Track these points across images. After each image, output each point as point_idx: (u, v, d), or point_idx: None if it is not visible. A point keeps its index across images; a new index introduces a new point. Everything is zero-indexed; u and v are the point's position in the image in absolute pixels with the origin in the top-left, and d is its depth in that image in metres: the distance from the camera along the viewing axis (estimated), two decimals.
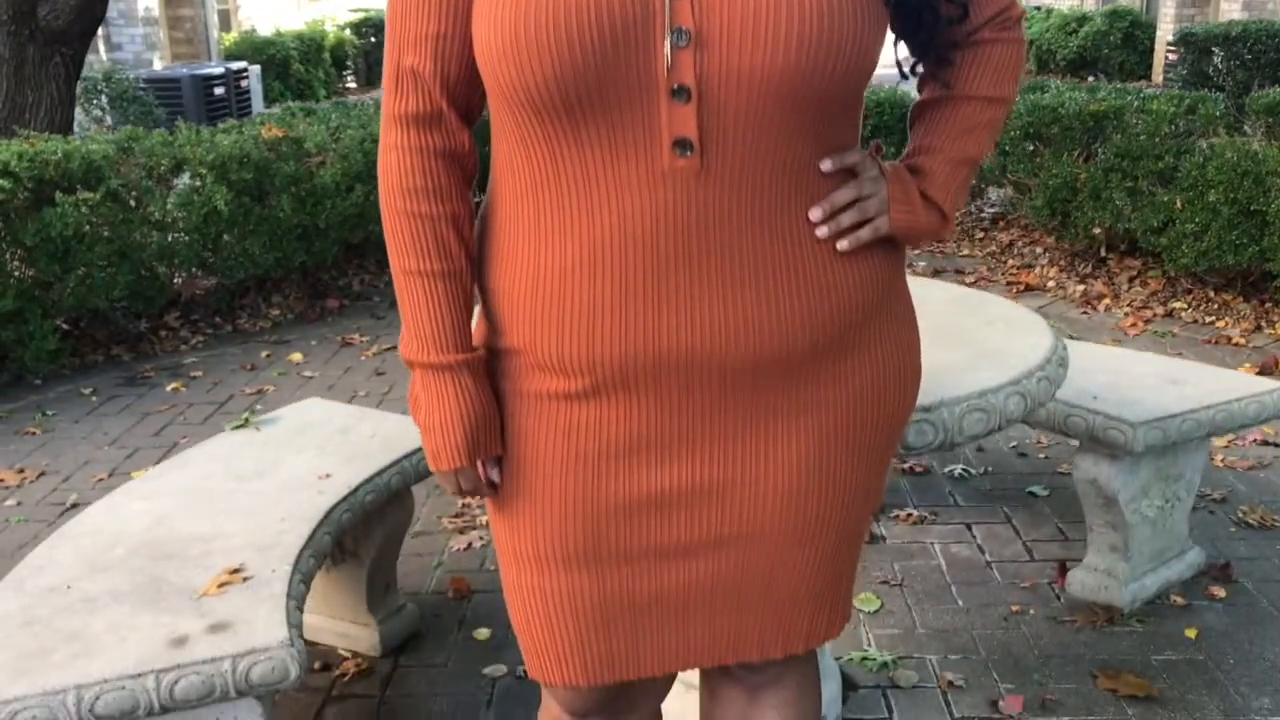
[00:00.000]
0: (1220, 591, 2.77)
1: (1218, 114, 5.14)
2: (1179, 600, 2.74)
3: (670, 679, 1.52)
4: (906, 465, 3.59)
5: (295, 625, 1.84)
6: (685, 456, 1.29)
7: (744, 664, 1.52)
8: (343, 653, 2.65)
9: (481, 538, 3.21)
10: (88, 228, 4.62)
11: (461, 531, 3.26)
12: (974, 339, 2.03)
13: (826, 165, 1.24)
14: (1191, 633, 2.60)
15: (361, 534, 2.57)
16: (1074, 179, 5.39)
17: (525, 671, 2.42)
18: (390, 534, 2.60)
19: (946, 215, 1.37)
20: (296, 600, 1.92)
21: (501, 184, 1.29)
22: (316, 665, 2.61)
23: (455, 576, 2.96)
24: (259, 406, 4.26)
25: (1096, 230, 5.38)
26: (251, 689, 1.76)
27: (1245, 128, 5.11)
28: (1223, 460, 3.56)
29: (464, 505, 3.43)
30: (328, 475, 2.38)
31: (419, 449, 2.52)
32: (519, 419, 1.31)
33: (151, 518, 2.21)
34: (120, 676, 1.71)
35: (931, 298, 2.26)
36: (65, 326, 5.03)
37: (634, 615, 1.35)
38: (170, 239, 5.01)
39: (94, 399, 4.49)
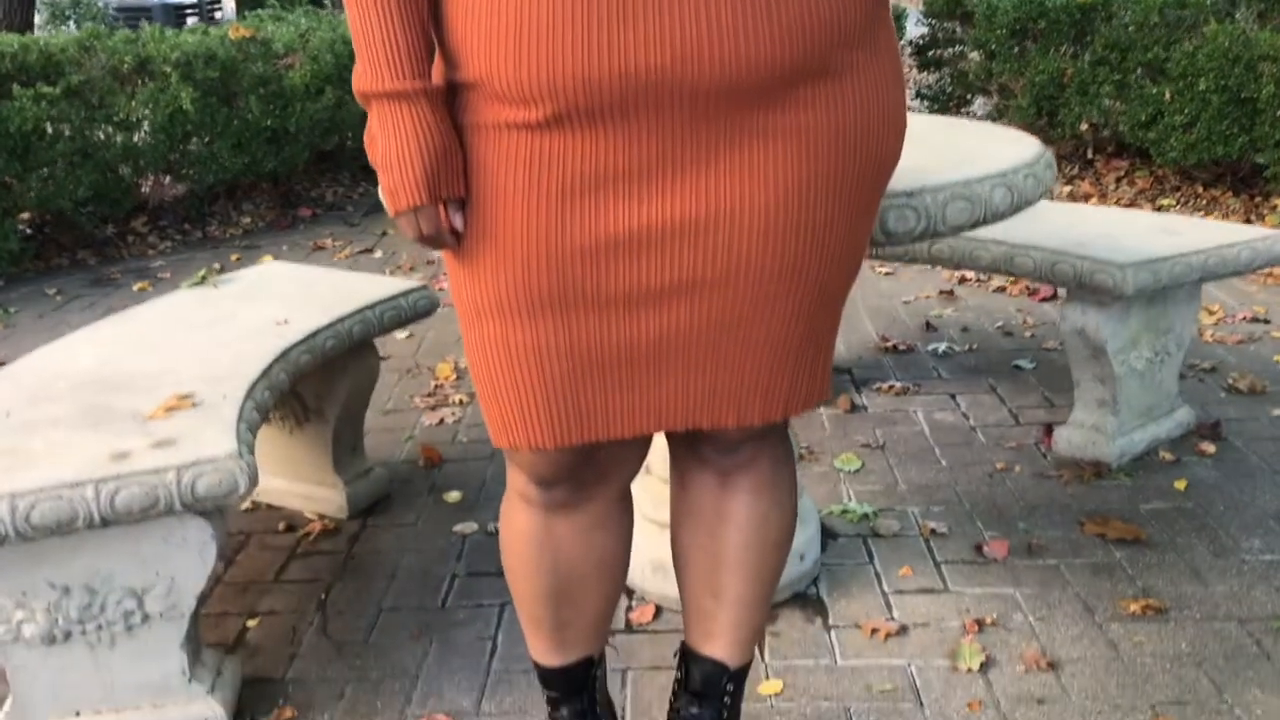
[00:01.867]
0: (1210, 448, 2.70)
1: (1208, 1, 5.02)
2: (1168, 456, 2.68)
3: (640, 453, 1.43)
4: (889, 344, 3.51)
5: (245, 443, 1.74)
6: (656, 192, 1.19)
7: (716, 445, 1.43)
8: (309, 515, 2.56)
9: (454, 414, 3.12)
10: (48, 124, 4.48)
11: (433, 409, 3.18)
12: (959, 145, 1.94)
13: None
14: (1180, 485, 2.53)
15: (324, 391, 2.48)
16: (1061, 74, 5.27)
17: (490, 528, 2.35)
18: (355, 391, 2.50)
19: None
20: (248, 424, 1.83)
21: None
22: (281, 526, 2.53)
23: (426, 446, 2.87)
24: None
25: (1084, 127, 5.27)
26: (197, 502, 1.67)
27: (1236, 15, 4.99)
28: (1212, 335, 3.49)
29: (436, 386, 3.34)
30: (286, 321, 2.28)
31: (383, 300, 2.43)
32: (480, 153, 1.21)
33: (98, 359, 2.11)
34: (57, 485, 1.62)
35: (914, 121, 2.16)
36: (29, 230, 4.89)
37: (603, 369, 1.26)
38: (135, 139, 4.87)
39: (58, 298, 4.37)
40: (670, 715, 1.58)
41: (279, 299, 2.42)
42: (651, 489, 2.17)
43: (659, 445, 2.08)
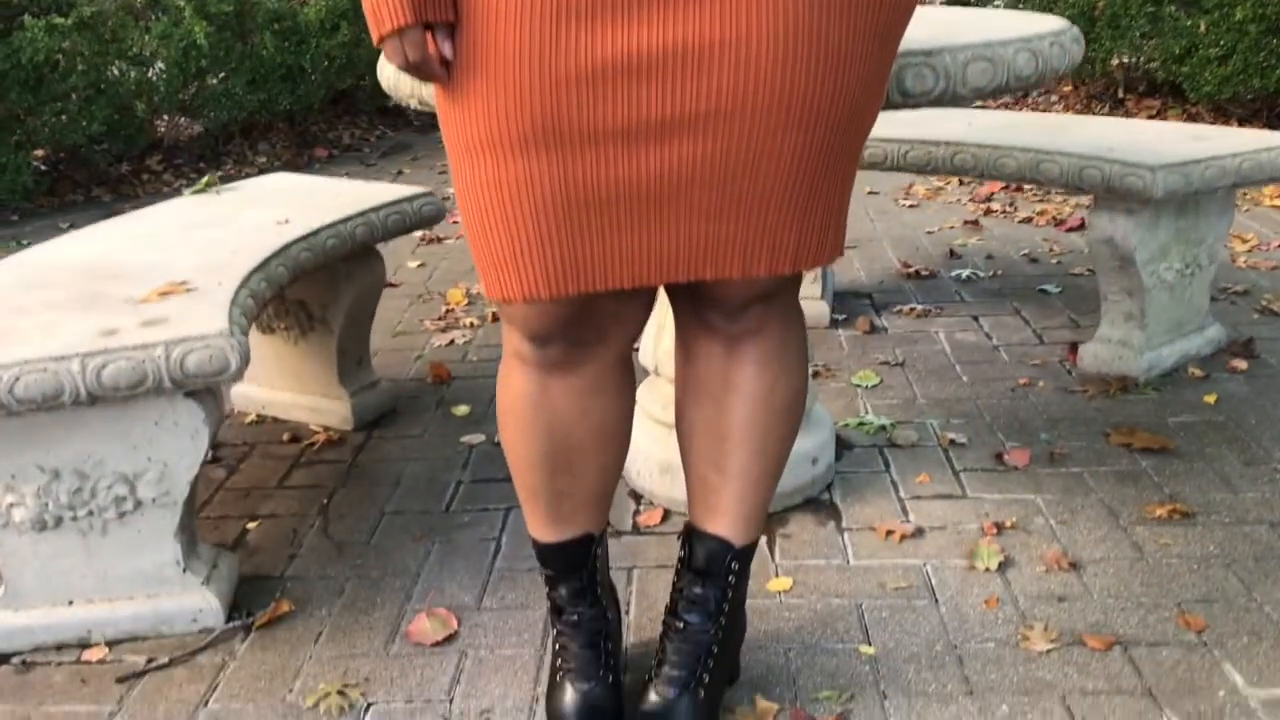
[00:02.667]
0: (1242, 365, 2.61)
1: None
2: (1197, 373, 2.59)
3: (641, 314, 1.36)
4: (911, 270, 3.42)
5: (238, 324, 1.69)
6: (657, 14, 1.12)
7: (722, 309, 1.37)
8: (314, 428, 2.52)
9: (464, 335, 3.07)
10: (60, 57, 4.43)
11: (444, 331, 3.12)
12: (983, 21, 1.85)
13: None
14: (1210, 399, 2.45)
15: (328, 299, 2.42)
16: (1092, 8, 5.13)
17: (496, 439, 2.24)
18: (359, 298, 2.45)
19: None
20: (243, 310, 1.77)
21: None
22: (285, 437, 2.48)
23: (435, 364, 2.82)
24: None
25: (1115, 63, 5.14)
26: (187, 380, 1.62)
27: None
28: (1245, 262, 3.38)
29: (447, 310, 3.28)
30: (287, 221, 2.22)
31: (387, 203, 2.37)
32: None
33: (96, 253, 2.06)
34: (43, 358, 1.57)
35: (941, 11, 2.07)
36: (43, 167, 4.86)
37: (601, 210, 1.19)
38: (149, 75, 4.82)
39: (71, 231, 4.33)
40: (673, 596, 1.52)
41: (283, 203, 2.36)
42: (658, 390, 2.11)
43: (665, 343, 2.02)
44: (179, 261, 1.97)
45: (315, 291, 2.42)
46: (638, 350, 2.25)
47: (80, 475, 1.70)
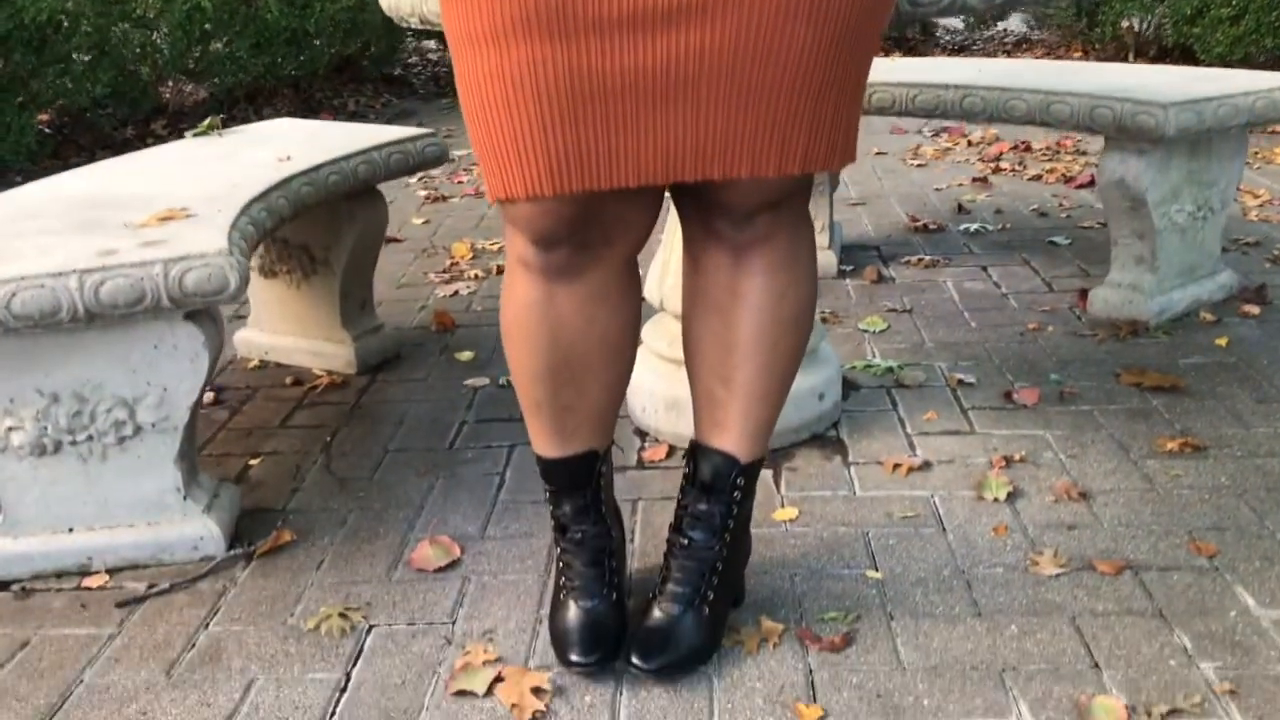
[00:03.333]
0: (1254, 310, 2.58)
1: None
2: (1208, 317, 2.56)
3: (647, 218, 1.33)
4: (919, 223, 3.39)
5: (238, 246, 1.67)
6: None
7: (730, 216, 1.34)
8: (317, 372, 2.50)
9: (469, 287, 3.05)
10: (63, 17, 4.41)
11: (448, 282, 3.10)
12: None
13: None
14: (1222, 341, 2.42)
15: (331, 240, 2.41)
16: None
17: (501, 380, 2.22)
18: (361, 240, 2.43)
19: None
20: (243, 234, 1.75)
21: None
22: (288, 380, 2.47)
23: (440, 312, 2.80)
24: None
25: (1125, 24, 5.09)
26: (186, 299, 1.60)
27: None
28: (1257, 215, 3.35)
29: (452, 264, 3.27)
30: (288, 158, 2.20)
31: (390, 142, 2.34)
32: None
33: (95, 187, 2.05)
34: (40, 274, 1.56)
35: None
36: (48, 130, 4.85)
37: (606, 101, 1.16)
38: (154, 38, 4.80)
39: None
40: (678, 513, 1.50)
41: (285, 144, 2.34)
42: (664, 327, 2.09)
43: (671, 286, 2.00)
44: (180, 192, 1.95)
45: (317, 233, 2.40)
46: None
47: (79, 399, 1.68)
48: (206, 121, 2.55)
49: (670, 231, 2.04)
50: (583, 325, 1.36)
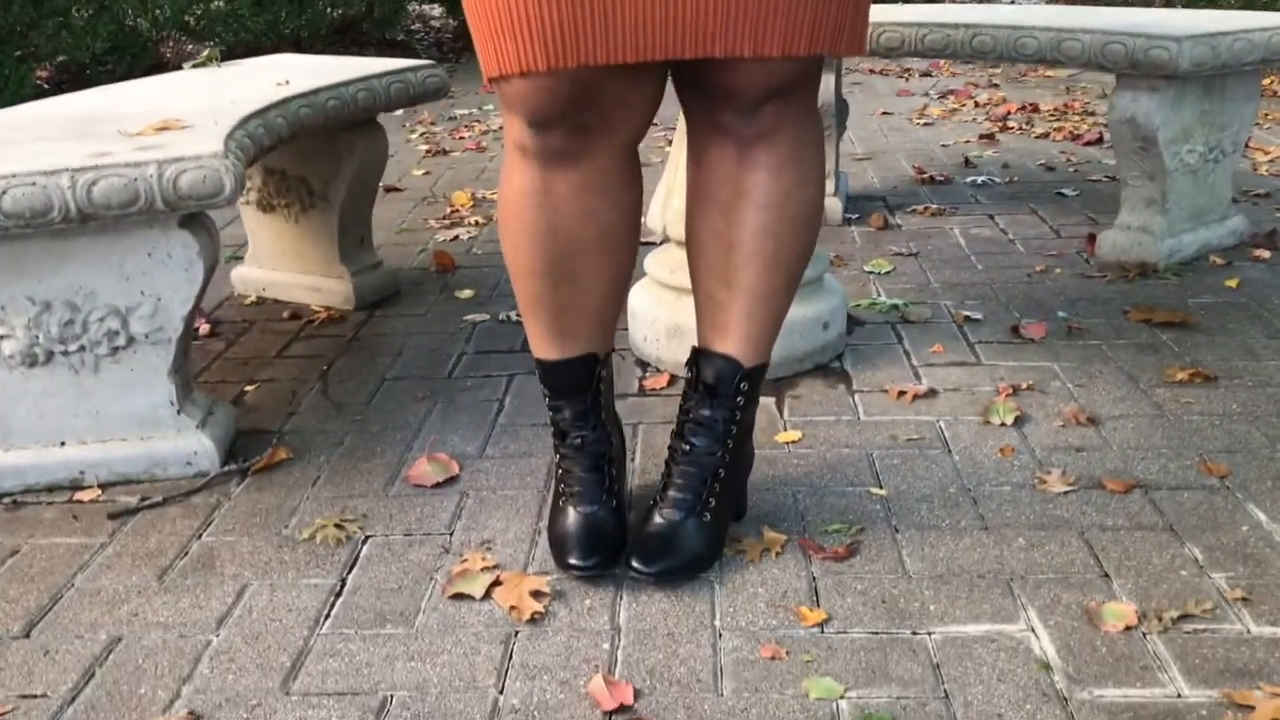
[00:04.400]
0: (1264, 254, 2.55)
1: None
2: (1218, 260, 2.53)
3: (647, 102, 1.29)
4: (925, 175, 3.36)
5: (233, 152, 1.63)
6: None
7: (735, 107, 1.31)
8: (315, 307, 2.47)
9: (469, 232, 3.01)
10: None
11: (448, 228, 3.07)
12: None
13: None
14: (1232, 282, 2.39)
15: (330, 173, 2.37)
16: None
17: (501, 316, 2.16)
18: (360, 172, 2.39)
19: None
20: (239, 144, 1.72)
21: None
22: (285, 315, 2.44)
23: (439, 253, 2.77)
24: None
25: None
26: (180, 201, 1.56)
27: None
28: (1267, 170, 3.31)
29: (452, 211, 3.23)
30: (287, 82, 2.17)
31: (390, 71, 2.31)
32: None
33: (91, 106, 2.01)
34: (33, 172, 1.52)
35: None
36: (46, 86, 4.81)
37: None
38: None
39: None
40: (679, 420, 1.47)
41: (285, 74, 2.30)
42: (667, 255, 2.06)
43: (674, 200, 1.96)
44: (177, 108, 1.92)
45: (316, 165, 2.37)
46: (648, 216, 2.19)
47: (71, 308, 1.65)
48: (206, 53, 2.51)
49: (674, 156, 2.01)
50: (581, 216, 1.33)
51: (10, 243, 1.59)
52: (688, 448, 1.44)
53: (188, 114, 1.86)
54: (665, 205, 2.03)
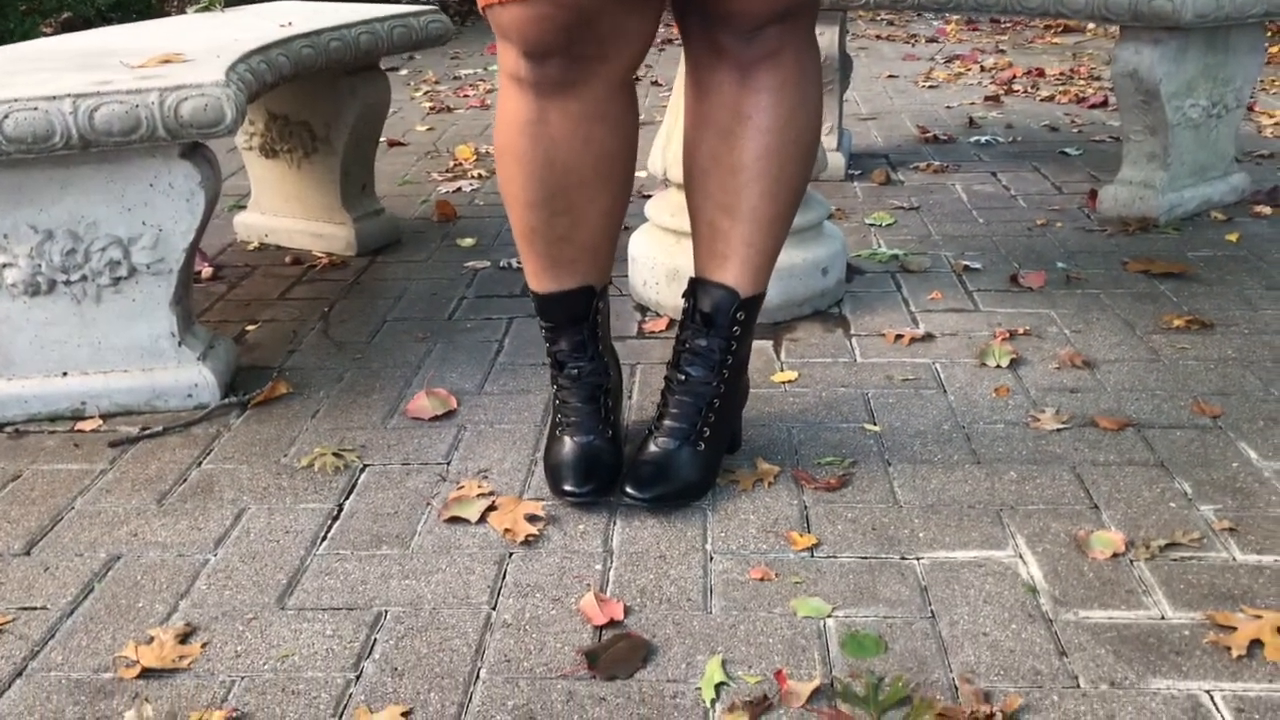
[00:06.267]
0: (1266, 210, 2.55)
1: None
2: (1219, 216, 2.53)
3: (644, 32, 1.29)
4: (929, 134, 3.35)
5: (234, 83, 1.64)
6: None
7: (736, 29, 1.31)
8: (317, 253, 2.48)
9: (471, 185, 3.02)
10: None
11: (451, 180, 3.07)
12: None
13: None
14: (1233, 237, 2.39)
15: (332, 117, 2.38)
16: None
17: (503, 263, 2.17)
18: (363, 117, 2.40)
19: None
20: (240, 77, 1.72)
21: None
22: (288, 260, 2.45)
23: (442, 202, 2.77)
24: None
25: None
26: (182, 129, 1.57)
27: None
28: (1272, 133, 3.30)
29: (455, 164, 3.23)
30: (290, 24, 2.17)
31: (393, 15, 2.31)
32: None
33: (94, 42, 2.02)
34: (34, 97, 1.53)
35: None
36: None
37: None
38: None
39: None
40: (676, 350, 1.48)
41: (288, 17, 2.30)
42: (668, 199, 2.06)
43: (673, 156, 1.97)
44: (180, 44, 1.93)
45: (319, 109, 2.37)
46: (646, 174, 2.20)
47: (74, 236, 1.66)
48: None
49: (673, 101, 2.01)
50: (578, 146, 1.33)
51: (13, 170, 1.60)
52: (683, 377, 1.45)
53: (190, 49, 1.86)
54: (665, 149, 2.03)
